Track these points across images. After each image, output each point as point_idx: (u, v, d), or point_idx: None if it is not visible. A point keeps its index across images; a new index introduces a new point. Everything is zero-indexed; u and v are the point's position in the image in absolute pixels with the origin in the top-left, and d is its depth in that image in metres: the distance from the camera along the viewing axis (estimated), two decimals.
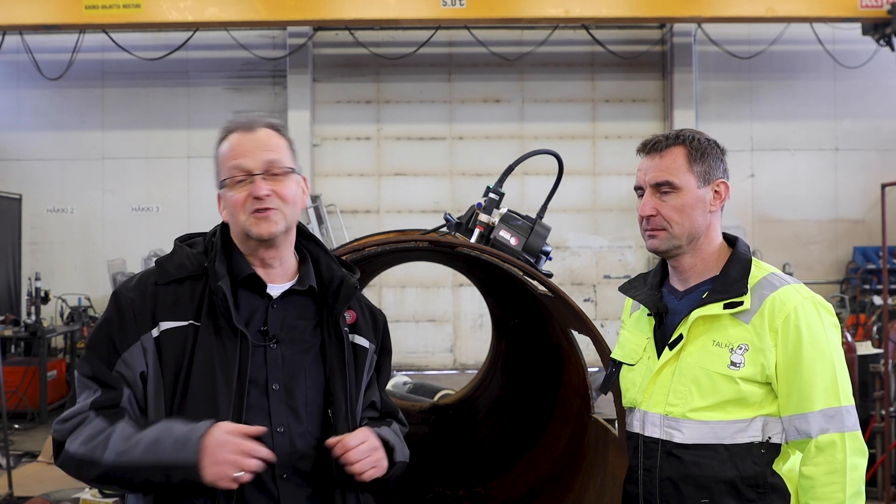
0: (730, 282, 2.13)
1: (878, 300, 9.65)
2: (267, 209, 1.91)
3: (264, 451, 1.79)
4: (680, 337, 2.14)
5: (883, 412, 5.84)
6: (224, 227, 2.02)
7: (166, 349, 1.86)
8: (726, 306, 2.09)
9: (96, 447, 1.79)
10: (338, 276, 2.03)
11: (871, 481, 5.81)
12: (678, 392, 2.13)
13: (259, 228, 1.91)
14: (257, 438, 1.84)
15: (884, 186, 6.12)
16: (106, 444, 1.79)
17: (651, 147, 2.19)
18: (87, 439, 1.81)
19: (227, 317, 1.88)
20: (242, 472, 1.76)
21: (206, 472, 1.74)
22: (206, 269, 1.93)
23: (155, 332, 1.87)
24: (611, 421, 2.62)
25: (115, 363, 1.86)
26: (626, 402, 2.29)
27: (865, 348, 6.49)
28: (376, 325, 2.14)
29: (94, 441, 1.80)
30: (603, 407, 3.38)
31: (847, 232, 11.88)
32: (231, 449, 1.75)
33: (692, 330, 2.13)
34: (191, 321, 1.88)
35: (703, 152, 2.15)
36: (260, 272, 1.96)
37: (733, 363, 2.07)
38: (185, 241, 2.03)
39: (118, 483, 1.82)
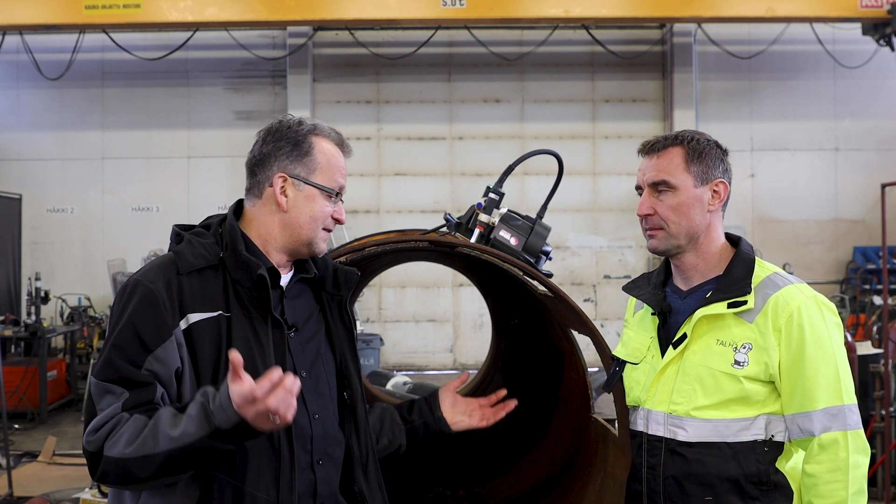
0: (733, 281, 2.15)
1: (878, 300, 9.65)
2: (331, 231, 2.01)
3: (288, 383, 1.67)
4: (684, 336, 2.16)
5: (883, 412, 5.84)
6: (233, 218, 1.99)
7: (199, 341, 1.81)
8: (730, 305, 2.11)
9: (146, 442, 1.70)
10: (332, 265, 2.08)
11: (871, 481, 5.81)
12: (682, 390, 2.14)
13: (323, 246, 2.00)
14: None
15: (884, 186, 6.12)
16: (156, 436, 1.69)
17: (650, 147, 2.23)
18: (131, 439, 1.71)
19: (258, 307, 1.87)
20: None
21: (257, 427, 1.69)
22: (222, 260, 1.90)
23: (183, 325, 1.81)
24: (611, 421, 2.62)
25: (145, 361, 1.77)
26: (629, 401, 2.30)
27: (865, 348, 6.49)
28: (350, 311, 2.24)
29: (141, 437, 1.70)
30: (603, 407, 3.38)
31: (847, 232, 11.89)
32: (258, 406, 1.66)
33: (696, 329, 2.15)
34: (220, 311, 1.85)
35: (700, 152, 2.18)
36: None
37: (737, 362, 2.09)
38: (183, 230, 1.99)
39: (176, 470, 1.73)
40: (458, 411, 2.37)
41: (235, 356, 1.66)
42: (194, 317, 1.83)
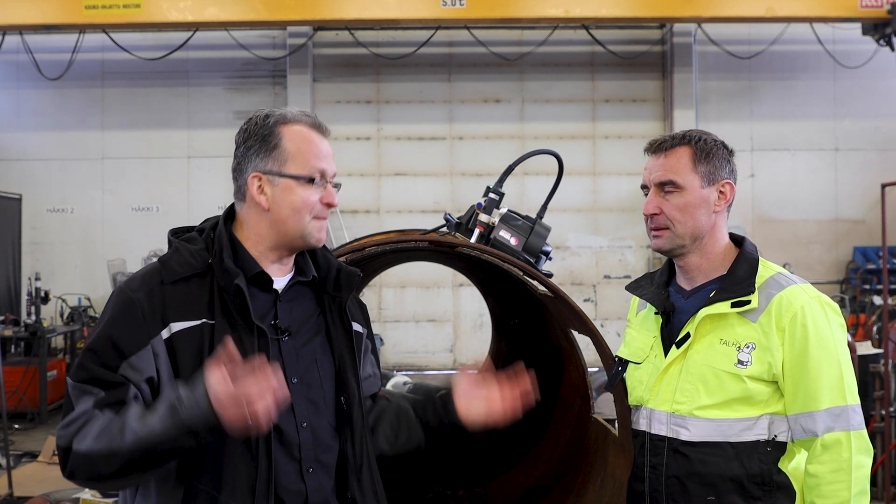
0: (737, 281, 2.15)
1: (878, 300, 9.65)
2: (325, 218, 1.95)
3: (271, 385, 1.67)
4: (687, 335, 2.16)
5: (883, 412, 5.84)
6: (225, 221, 1.96)
7: (182, 350, 1.80)
8: (734, 305, 2.11)
9: (113, 437, 1.69)
10: (335, 266, 2.04)
11: (871, 481, 5.81)
12: (685, 390, 2.14)
13: (320, 235, 1.94)
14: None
15: (884, 186, 6.13)
16: (122, 431, 1.69)
17: (657, 147, 2.22)
18: (99, 433, 1.71)
19: (242, 314, 1.84)
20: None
21: (225, 423, 1.66)
22: (210, 266, 1.87)
23: (165, 334, 1.80)
24: (611, 421, 2.62)
25: (119, 367, 1.77)
26: (632, 401, 2.30)
27: (865, 348, 6.49)
28: (363, 309, 2.18)
29: (109, 433, 1.70)
30: (603, 407, 3.38)
31: (847, 232, 11.88)
32: (233, 398, 1.65)
33: (699, 328, 2.15)
34: (204, 320, 1.83)
35: (708, 153, 2.17)
36: (267, 268, 1.94)
37: (740, 361, 2.09)
38: (177, 234, 1.97)
39: (140, 467, 1.71)
40: (475, 406, 2.10)
41: (230, 345, 1.68)
42: (176, 326, 1.81)
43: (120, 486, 1.78)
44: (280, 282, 1.96)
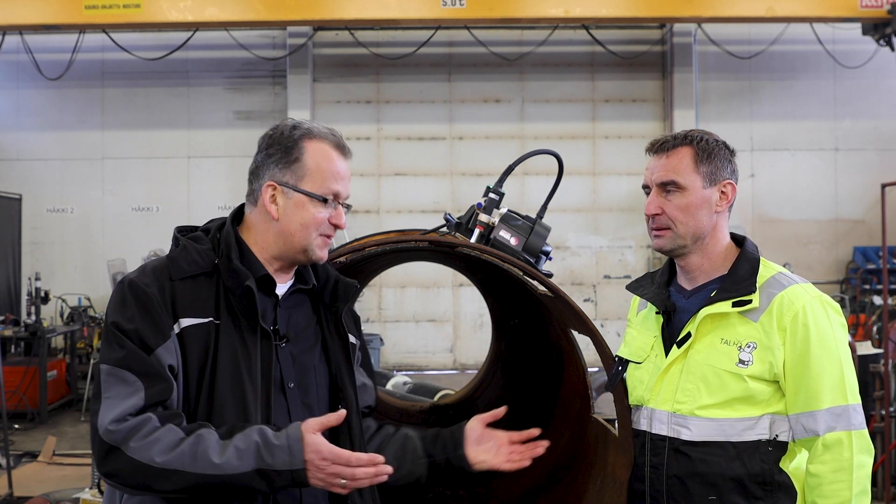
0: (738, 280, 2.14)
1: (878, 300, 9.65)
2: (331, 236, 1.98)
3: (370, 471, 1.77)
4: (688, 335, 2.16)
5: (883, 412, 5.84)
6: (232, 222, 1.98)
7: (189, 346, 1.82)
8: (735, 304, 2.11)
9: (183, 459, 1.70)
10: (333, 276, 2.06)
11: (871, 481, 5.81)
12: (686, 390, 2.14)
13: (322, 253, 1.96)
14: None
15: (884, 186, 6.13)
16: (195, 455, 1.71)
17: (659, 147, 2.21)
18: (165, 449, 1.71)
19: (247, 316, 1.86)
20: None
21: (312, 481, 1.75)
22: (216, 266, 1.89)
23: (176, 329, 1.82)
24: (611, 421, 2.62)
25: (150, 355, 1.78)
26: (632, 400, 2.30)
27: (865, 348, 6.48)
28: (357, 321, 2.20)
29: (179, 453, 1.71)
30: (603, 407, 3.38)
31: (847, 232, 11.88)
32: (333, 469, 1.75)
33: (700, 328, 2.15)
34: (210, 318, 1.85)
35: (710, 153, 2.17)
36: (270, 273, 1.95)
37: (741, 361, 2.09)
38: (183, 233, 1.99)
39: (199, 492, 1.74)
40: (484, 448, 2.19)
41: (339, 416, 1.79)
42: (185, 321, 1.83)
43: (154, 495, 1.78)
44: (281, 288, 1.98)
